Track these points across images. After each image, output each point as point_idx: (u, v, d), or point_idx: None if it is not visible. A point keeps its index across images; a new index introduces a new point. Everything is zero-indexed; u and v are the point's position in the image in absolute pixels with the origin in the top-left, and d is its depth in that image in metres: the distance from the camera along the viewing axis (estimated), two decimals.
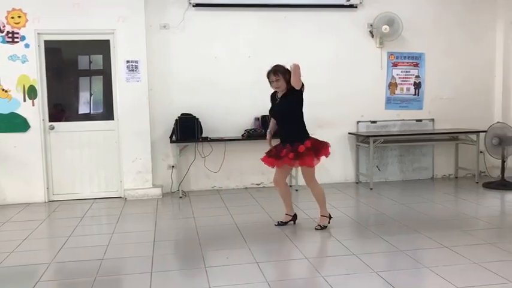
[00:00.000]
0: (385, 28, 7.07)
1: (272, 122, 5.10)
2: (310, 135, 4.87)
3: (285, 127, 4.88)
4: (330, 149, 4.91)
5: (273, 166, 4.99)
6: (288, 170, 5.06)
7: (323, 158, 4.92)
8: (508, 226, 5.12)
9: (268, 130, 5.13)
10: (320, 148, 4.81)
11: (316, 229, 4.92)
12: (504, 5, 7.54)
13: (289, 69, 4.66)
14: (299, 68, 4.60)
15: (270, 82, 4.87)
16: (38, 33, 6.41)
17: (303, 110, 4.91)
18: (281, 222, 5.13)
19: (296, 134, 4.82)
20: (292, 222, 5.15)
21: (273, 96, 5.01)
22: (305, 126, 4.89)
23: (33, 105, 6.43)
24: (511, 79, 7.54)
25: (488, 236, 4.65)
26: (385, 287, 3.51)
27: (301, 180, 7.07)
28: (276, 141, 5.07)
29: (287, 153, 4.76)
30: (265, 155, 5.03)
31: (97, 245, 4.63)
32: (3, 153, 6.38)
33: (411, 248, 4.30)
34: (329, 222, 5.00)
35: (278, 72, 4.76)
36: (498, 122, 7.09)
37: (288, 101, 4.82)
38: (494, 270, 3.70)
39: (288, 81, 4.73)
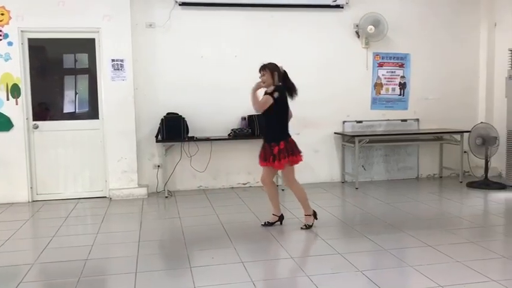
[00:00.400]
0: (371, 28, 7.12)
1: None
2: (288, 137, 4.88)
3: (266, 125, 5.01)
4: (303, 158, 5.00)
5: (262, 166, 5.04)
6: (274, 170, 5.07)
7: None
8: (490, 225, 5.19)
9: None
10: (294, 153, 4.86)
11: (301, 228, 4.94)
12: (488, 7, 7.64)
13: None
14: (253, 94, 4.83)
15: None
16: (22, 31, 6.33)
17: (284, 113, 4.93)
18: (268, 222, 5.13)
19: (272, 134, 4.89)
20: (278, 222, 5.15)
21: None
22: (283, 128, 4.89)
23: (16, 103, 6.35)
24: (495, 80, 7.64)
25: (471, 234, 4.70)
26: (370, 286, 3.53)
27: None
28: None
29: (267, 154, 4.84)
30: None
31: (81, 245, 4.59)
32: None
33: (396, 247, 4.34)
34: (316, 218, 5.02)
35: (266, 68, 4.90)
36: (482, 123, 7.18)
37: None
38: (477, 269, 3.75)
39: (273, 80, 4.85)
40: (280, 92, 4.81)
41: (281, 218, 5.16)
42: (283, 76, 4.92)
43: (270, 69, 4.87)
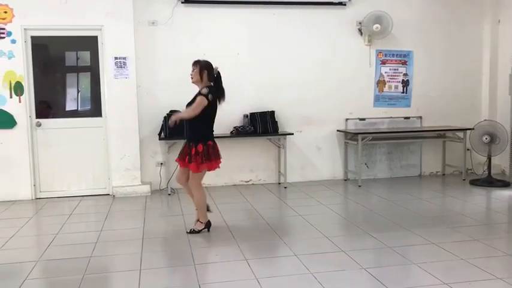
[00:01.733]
0: (376, 27, 7.09)
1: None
2: (208, 141, 4.67)
3: (188, 125, 4.84)
4: (221, 165, 4.81)
5: (180, 166, 4.87)
6: (187, 170, 4.77)
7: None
8: (494, 223, 5.18)
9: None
10: (212, 158, 4.66)
11: (187, 232, 4.77)
12: (491, 3, 7.61)
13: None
14: (184, 114, 4.70)
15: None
16: (25, 29, 6.33)
17: (212, 117, 4.76)
18: (192, 230, 4.82)
19: (193, 134, 4.72)
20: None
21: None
22: (207, 130, 4.72)
23: (19, 101, 6.35)
24: (498, 77, 7.62)
25: (475, 232, 4.69)
26: (374, 283, 3.53)
27: (290, 178, 7.13)
28: None
29: (184, 153, 4.69)
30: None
31: (85, 243, 4.59)
32: None
33: (399, 245, 4.33)
34: (208, 230, 4.80)
35: (197, 64, 4.71)
36: (485, 120, 7.16)
37: (195, 99, 4.69)
38: (481, 266, 3.75)
39: (201, 78, 4.67)
40: (213, 94, 4.62)
41: (207, 225, 4.85)
42: (216, 78, 4.70)
43: (201, 66, 4.66)
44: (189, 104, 4.76)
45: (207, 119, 4.70)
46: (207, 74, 4.68)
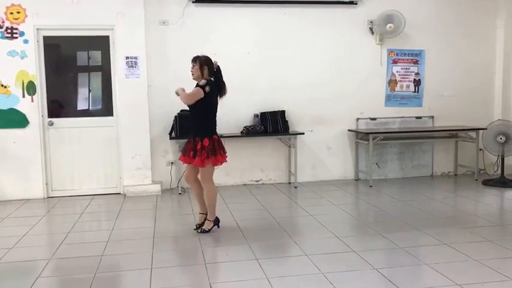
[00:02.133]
0: (390, 26, 7.04)
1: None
2: (213, 135, 4.69)
3: (192, 119, 4.79)
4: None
5: (184, 162, 4.86)
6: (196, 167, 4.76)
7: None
8: (507, 224, 5.11)
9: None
10: (217, 152, 4.65)
11: (198, 232, 4.78)
12: (505, 3, 7.53)
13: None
14: (182, 94, 4.66)
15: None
16: (37, 29, 6.38)
17: (216, 111, 4.82)
18: (198, 225, 4.89)
19: (197, 129, 4.70)
20: (216, 226, 4.87)
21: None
22: (210, 125, 4.72)
23: (32, 101, 6.40)
24: (511, 77, 7.53)
25: (488, 233, 4.64)
26: (385, 284, 3.51)
27: (301, 178, 7.11)
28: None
29: (188, 149, 4.69)
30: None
31: (97, 241, 4.62)
32: (2, 149, 6.36)
33: (411, 245, 4.30)
34: (218, 226, 4.85)
35: (197, 60, 4.72)
36: (499, 120, 7.08)
37: None
38: (494, 268, 3.70)
39: (202, 74, 4.69)
40: (211, 87, 4.62)
41: (216, 221, 4.87)
42: (216, 72, 4.72)
43: (200, 62, 4.68)
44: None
45: (209, 112, 4.72)
46: (208, 70, 4.70)
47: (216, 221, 4.86)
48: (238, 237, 4.66)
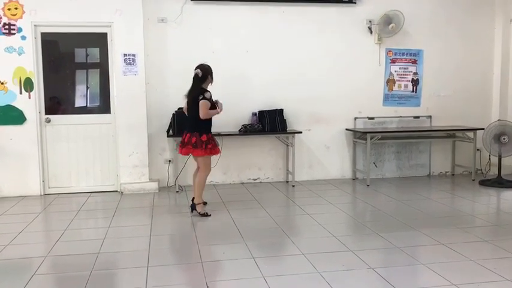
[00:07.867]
0: (392, 26, 7.04)
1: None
2: (210, 133, 5.34)
3: (194, 119, 5.26)
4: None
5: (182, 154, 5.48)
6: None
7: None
8: (504, 224, 5.12)
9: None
10: (215, 144, 5.37)
11: (200, 214, 5.31)
12: (503, 3, 7.53)
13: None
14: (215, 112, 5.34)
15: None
16: (35, 25, 6.36)
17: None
18: (206, 213, 5.40)
19: (199, 127, 5.24)
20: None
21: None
22: (209, 124, 5.35)
23: (29, 97, 6.38)
24: (509, 77, 7.55)
25: (484, 233, 4.66)
26: (382, 284, 3.51)
27: (298, 176, 7.11)
28: None
29: (187, 142, 5.24)
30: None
31: (93, 239, 4.62)
32: None
33: (408, 245, 4.30)
34: (205, 204, 5.48)
35: (198, 69, 5.39)
36: (499, 120, 7.08)
37: (194, 93, 5.34)
38: (490, 268, 3.71)
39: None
40: (208, 92, 5.31)
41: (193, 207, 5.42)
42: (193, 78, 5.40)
43: (201, 71, 5.36)
44: (189, 94, 5.38)
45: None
46: (209, 80, 5.46)
47: (204, 203, 5.48)
48: (235, 235, 4.66)
